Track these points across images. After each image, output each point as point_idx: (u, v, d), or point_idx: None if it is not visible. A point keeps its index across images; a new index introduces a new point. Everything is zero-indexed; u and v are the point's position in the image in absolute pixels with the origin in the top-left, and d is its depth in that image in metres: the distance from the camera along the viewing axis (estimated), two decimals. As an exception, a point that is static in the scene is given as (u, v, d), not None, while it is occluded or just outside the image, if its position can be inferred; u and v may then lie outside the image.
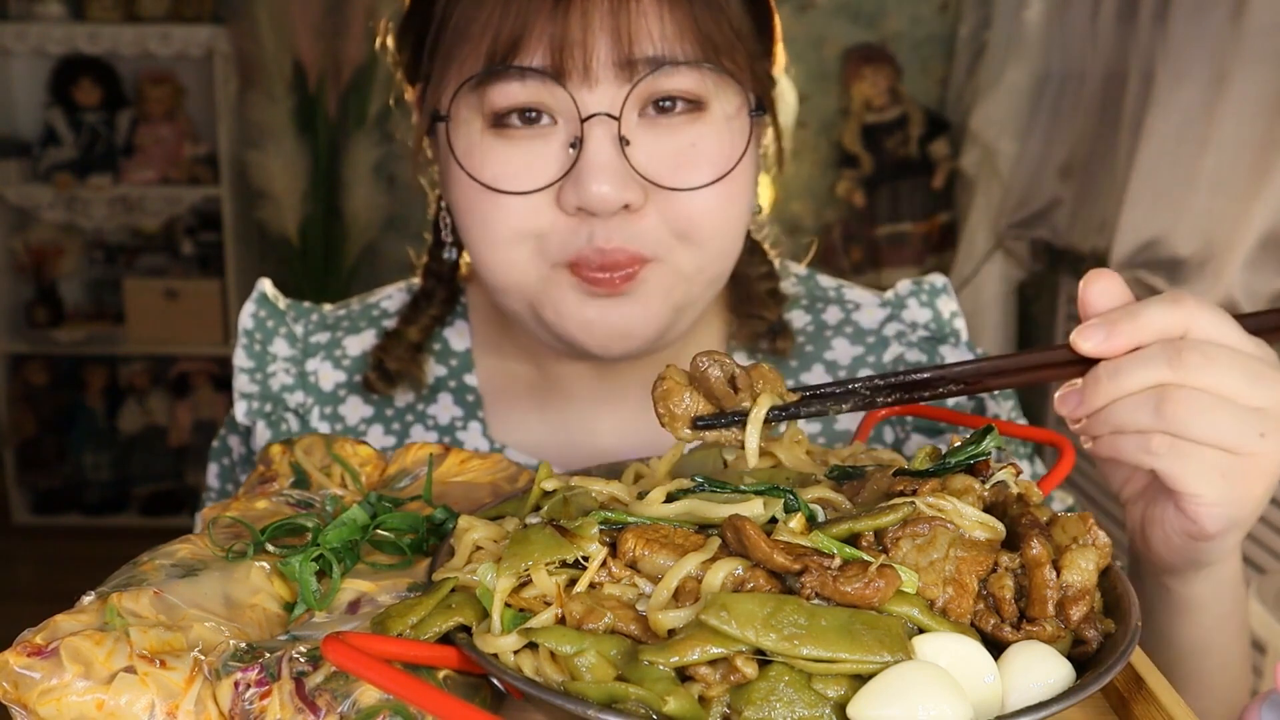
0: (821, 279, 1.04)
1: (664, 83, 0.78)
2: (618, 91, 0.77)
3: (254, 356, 0.97)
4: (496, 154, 0.80)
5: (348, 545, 0.62)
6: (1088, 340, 0.64)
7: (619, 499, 0.60)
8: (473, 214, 0.82)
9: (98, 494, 4.00)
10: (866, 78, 3.42)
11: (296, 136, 3.49)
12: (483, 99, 0.79)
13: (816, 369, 0.98)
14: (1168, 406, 0.63)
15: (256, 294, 0.99)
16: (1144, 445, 0.64)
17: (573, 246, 0.80)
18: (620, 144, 0.78)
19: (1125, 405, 0.64)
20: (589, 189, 0.77)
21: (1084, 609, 0.53)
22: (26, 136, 3.85)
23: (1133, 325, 0.63)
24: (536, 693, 0.48)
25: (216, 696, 0.51)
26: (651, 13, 0.77)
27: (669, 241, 0.81)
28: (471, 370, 0.99)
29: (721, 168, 0.80)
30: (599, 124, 0.77)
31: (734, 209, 0.83)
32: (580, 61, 0.76)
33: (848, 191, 3.49)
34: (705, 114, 0.80)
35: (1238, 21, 2.22)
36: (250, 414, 0.96)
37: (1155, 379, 0.63)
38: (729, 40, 0.80)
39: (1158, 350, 0.63)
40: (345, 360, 0.99)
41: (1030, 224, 3.15)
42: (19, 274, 3.93)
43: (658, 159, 0.79)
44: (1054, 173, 3.04)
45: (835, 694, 0.47)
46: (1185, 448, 0.64)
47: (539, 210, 0.80)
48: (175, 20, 3.67)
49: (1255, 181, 2.17)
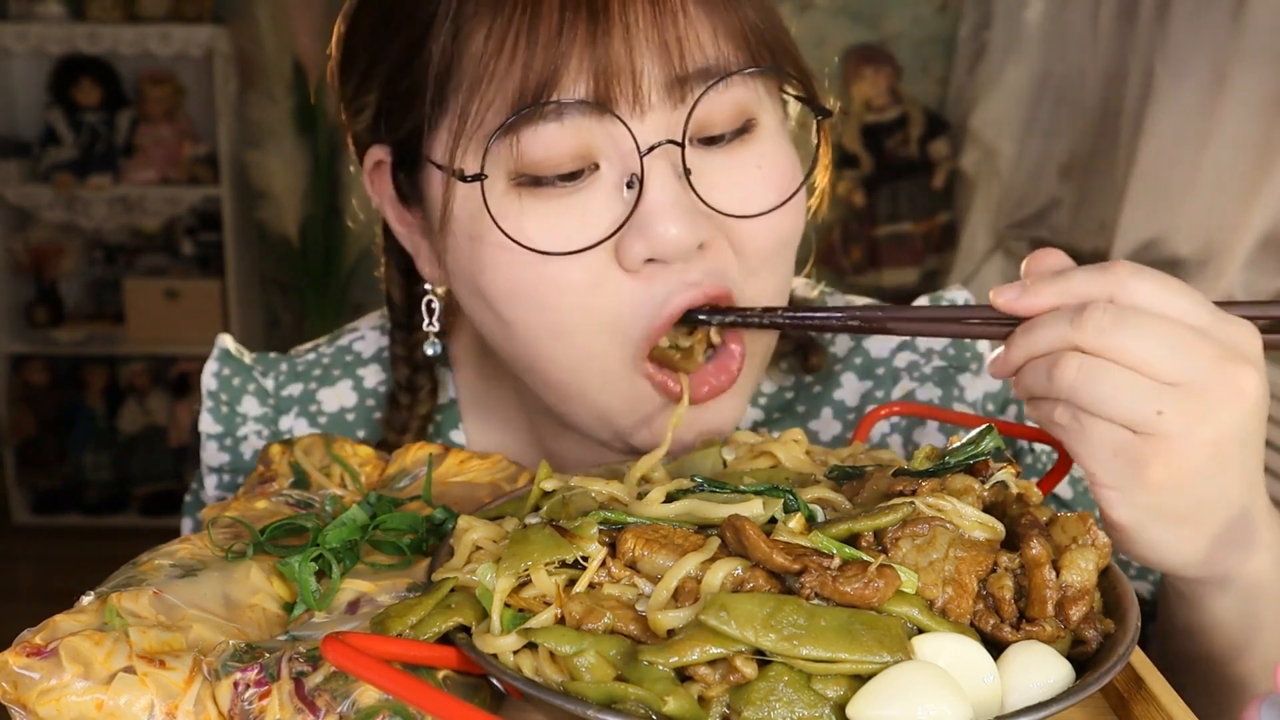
0: (831, 300, 0.93)
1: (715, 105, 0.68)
2: (670, 116, 0.67)
3: (221, 420, 0.87)
4: (534, 213, 0.67)
5: (347, 545, 0.62)
6: (1001, 295, 0.60)
7: (618, 499, 0.60)
8: (520, 295, 0.69)
9: (98, 494, 4.00)
10: (866, 78, 3.42)
11: (296, 136, 3.49)
12: (512, 149, 0.66)
13: (826, 413, 0.88)
14: (1057, 370, 0.57)
15: (218, 351, 0.89)
16: (1047, 414, 0.59)
17: (649, 311, 0.69)
18: (685, 175, 0.67)
19: (1031, 368, 0.59)
20: (656, 231, 0.66)
21: (1083, 609, 0.53)
22: (26, 136, 3.85)
23: (1053, 287, 0.59)
24: (536, 693, 0.48)
25: (216, 697, 0.51)
26: (701, 21, 0.67)
27: (740, 278, 0.71)
28: (457, 425, 0.89)
29: (786, 188, 0.71)
30: (658, 156, 0.66)
31: (798, 227, 0.74)
32: (629, 88, 0.65)
33: (848, 191, 3.49)
34: (758, 129, 0.71)
35: (1238, 21, 2.22)
36: (221, 488, 0.88)
37: (1058, 339, 0.58)
38: (781, 41, 0.71)
39: (1070, 311, 0.58)
40: (321, 417, 0.89)
41: (1030, 224, 3.15)
42: (19, 274, 3.93)
43: (722, 186, 0.69)
44: (1054, 173, 3.04)
45: (835, 694, 0.47)
46: (1085, 420, 0.58)
47: (601, 277, 0.68)
48: (175, 20, 3.66)
49: (1255, 181, 2.17)
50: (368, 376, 0.91)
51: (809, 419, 0.88)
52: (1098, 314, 0.56)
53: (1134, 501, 0.59)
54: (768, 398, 0.89)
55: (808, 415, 0.89)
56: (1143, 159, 2.51)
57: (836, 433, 0.88)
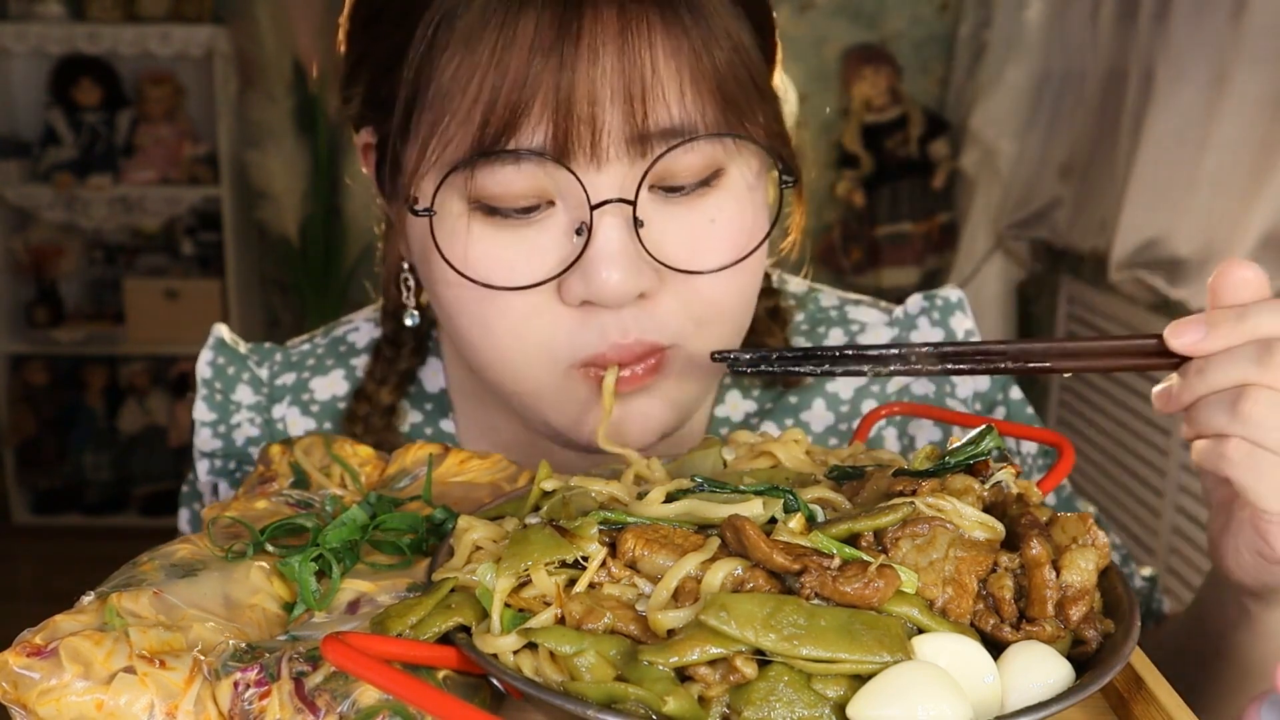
0: (823, 297, 0.94)
1: (680, 159, 0.67)
2: (629, 169, 0.67)
3: (215, 408, 0.88)
4: (486, 244, 0.69)
5: (347, 545, 0.62)
6: (1180, 337, 0.60)
7: (618, 499, 0.60)
8: (465, 314, 0.72)
9: (98, 494, 4.00)
10: (866, 78, 3.42)
11: (296, 136, 3.50)
12: (470, 182, 0.67)
13: (818, 405, 0.89)
14: (1244, 404, 0.58)
15: (213, 340, 0.90)
16: (1220, 450, 0.60)
17: (583, 345, 0.70)
18: (634, 227, 0.68)
19: (1207, 404, 0.60)
20: (598, 277, 0.67)
21: (1083, 609, 0.53)
22: (26, 136, 3.85)
23: (1233, 326, 0.59)
24: (536, 693, 0.48)
25: (216, 696, 0.51)
26: (669, 79, 0.65)
27: (687, 329, 0.72)
28: (448, 415, 0.90)
29: (744, 244, 0.71)
30: (610, 210, 0.67)
31: (754, 280, 0.74)
32: (588, 141, 0.65)
33: (848, 191, 3.49)
34: (723, 179, 0.70)
35: (1238, 21, 2.22)
36: (214, 473, 0.89)
37: (1240, 377, 0.58)
38: (750, 98, 0.69)
39: (1250, 348, 0.58)
40: (314, 406, 0.90)
41: (1030, 224, 3.16)
42: (19, 274, 3.93)
43: (673, 239, 0.69)
44: (1054, 173, 3.04)
45: (835, 694, 0.47)
46: (1262, 457, 0.59)
47: (541, 308, 0.70)
48: (175, 20, 3.66)
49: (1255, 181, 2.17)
50: (359, 366, 0.92)
51: (801, 409, 0.89)
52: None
53: None
54: (760, 389, 0.90)
55: (800, 406, 0.89)
56: (1143, 159, 2.51)
57: (829, 424, 0.89)
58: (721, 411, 0.90)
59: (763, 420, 0.89)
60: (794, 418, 0.89)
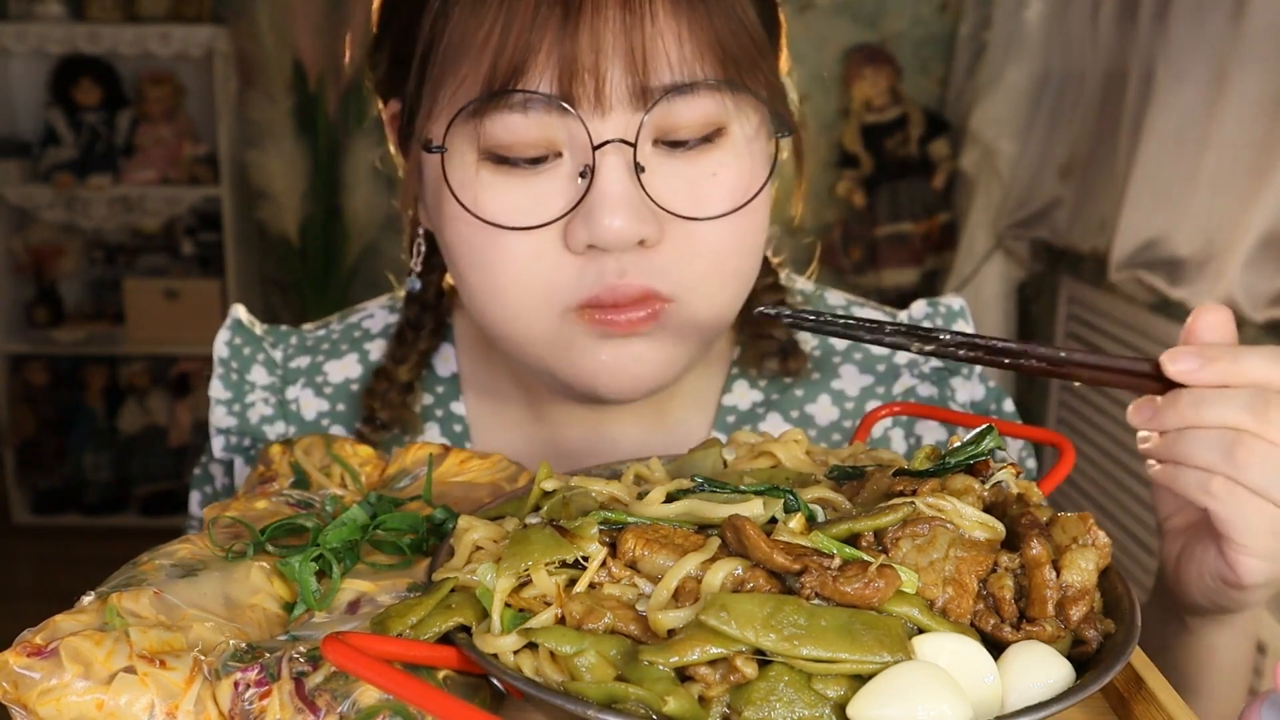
0: (830, 296, 0.96)
1: (681, 113, 0.71)
2: (631, 118, 0.70)
3: (231, 387, 0.91)
4: (495, 189, 0.72)
5: (348, 545, 0.62)
6: (1178, 364, 0.64)
7: (619, 499, 0.60)
8: (470, 256, 0.74)
9: (98, 494, 4.00)
10: (866, 78, 3.42)
11: (296, 136, 3.49)
12: (480, 129, 0.70)
13: (823, 399, 0.92)
14: (1240, 452, 0.62)
15: (230, 320, 0.93)
16: (1203, 484, 0.64)
17: (583, 288, 0.73)
18: (635, 171, 0.70)
19: (1197, 438, 0.64)
20: (600, 223, 0.70)
21: (1084, 609, 0.53)
22: (26, 136, 3.85)
23: (1229, 365, 0.63)
24: (536, 693, 0.48)
25: (216, 696, 0.51)
26: (669, 32, 0.69)
27: (687, 281, 0.74)
28: (459, 398, 0.93)
29: (743, 195, 0.74)
30: (612, 152, 0.70)
31: (755, 239, 0.77)
32: (591, 88, 0.68)
33: (848, 191, 3.49)
34: (724, 138, 0.73)
35: (1238, 21, 2.22)
36: (228, 449, 0.91)
37: (1235, 421, 0.62)
38: (750, 56, 0.72)
39: (1247, 395, 0.62)
40: (327, 388, 0.93)
41: (1030, 224, 3.15)
42: (19, 274, 3.93)
43: (675, 189, 0.72)
44: (1054, 173, 3.04)
45: (835, 694, 0.47)
46: (1243, 495, 0.63)
47: (544, 252, 0.72)
48: (175, 20, 3.66)
49: (1255, 181, 2.17)
50: (373, 350, 0.95)
51: (806, 403, 0.92)
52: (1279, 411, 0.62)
53: (1270, 571, 0.66)
54: (768, 380, 0.92)
55: (805, 399, 0.92)
56: (1143, 159, 2.51)
57: (834, 419, 0.91)
58: (729, 400, 0.92)
59: (769, 411, 0.91)
60: (799, 410, 0.91)
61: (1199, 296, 2.36)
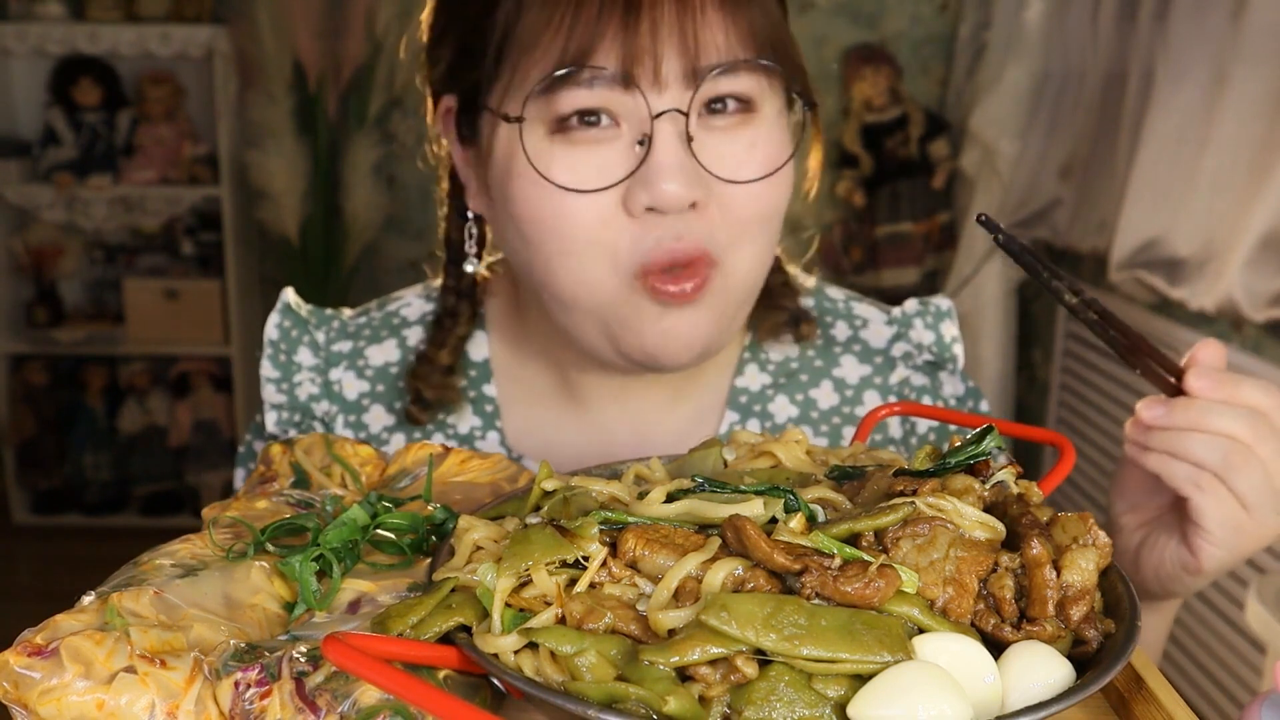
0: (830, 291, 1.05)
1: (724, 88, 0.81)
2: (683, 95, 0.80)
3: (279, 367, 0.98)
4: (563, 158, 0.81)
5: (348, 545, 0.62)
6: (1200, 380, 0.76)
7: (619, 499, 0.60)
8: (541, 221, 0.82)
9: (98, 494, 4.00)
10: (866, 78, 3.42)
11: (296, 136, 3.49)
12: (549, 104, 0.79)
13: (825, 385, 0.99)
14: (1234, 458, 0.75)
15: (281, 304, 1.01)
16: (1194, 478, 0.76)
17: (642, 250, 0.81)
18: (687, 141, 0.79)
19: (1199, 439, 0.75)
20: (659, 187, 0.78)
21: (1084, 609, 0.53)
22: (26, 136, 3.85)
23: (1233, 388, 0.76)
24: (536, 693, 0.48)
25: (217, 696, 0.51)
26: (716, 23, 0.79)
27: (727, 241, 0.83)
28: (490, 380, 0.99)
29: (775, 164, 0.84)
30: (667, 121, 0.79)
31: (781, 204, 0.86)
32: (650, 69, 0.78)
33: (848, 191, 3.49)
34: (757, 114, 0.83)
35: (1238, 21, 2.22)
36: (281, 424, 0.97)
37: (1235, 431, 0.74)
38: (780, 41, 0.83)
39: (1248, 414, 0.75)
40: (368, 370, 1.00)
41: (1030, 224, 3.15)
42: (19, 274, 3.93)
43: (720, 157, 0.81)
44: (1054, 173, 3.05)
45: (835, 694, 0.47)
46: (1223, 493, 0.75)
47: (607, 215, 0.81)
48: (175, 20, 3.66)
49: (1255, 181, 2.17)
50: (411, 336, 1.01)
51: (810, 388, 1.00)
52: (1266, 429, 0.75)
53: (1223, 561, 0.78)
54: (775, 365, 1.01)
55: (809, 384, 1.00)
56: (1143, 159, 2.51)
57: (834, 404, 1.00)
58: (741, 383, 1.00)
59: (777, 393, 0.99)
60: (804, 394, 0.99)
61: (1199, 296, 2.35)
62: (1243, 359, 2.27)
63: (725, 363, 1.00)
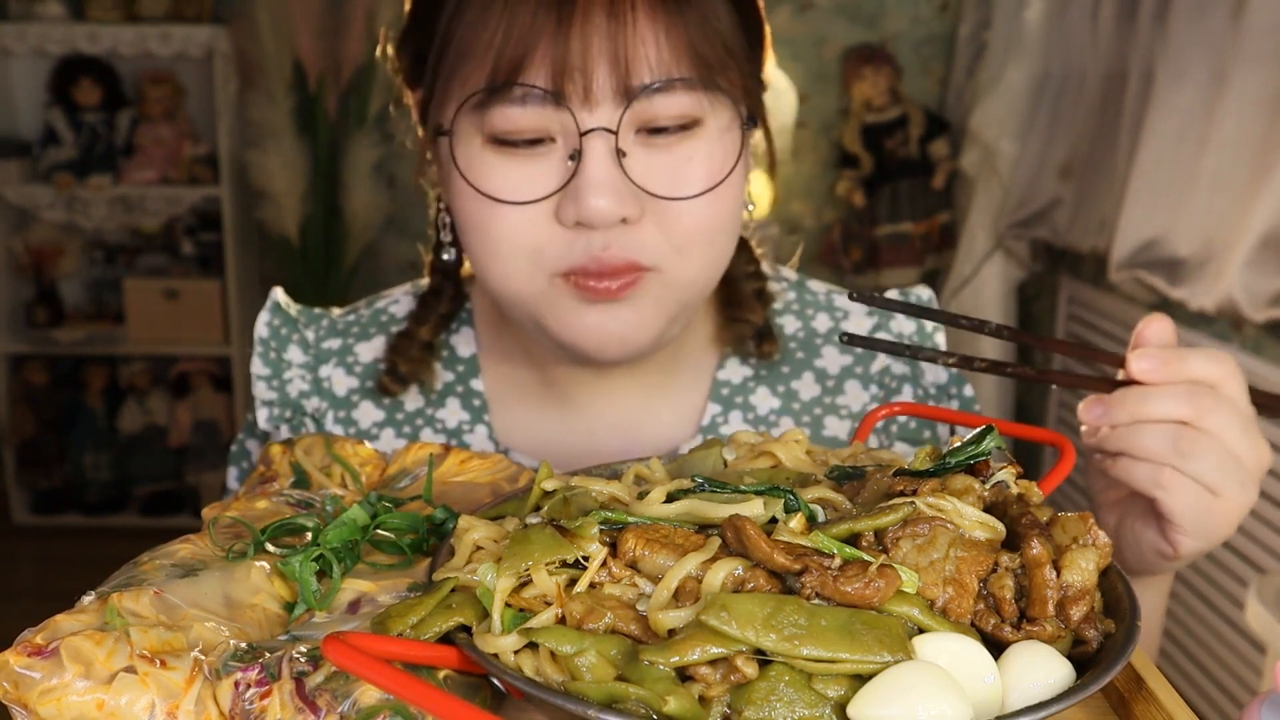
0: (811, 284, 1.06)
1: (660, 106, 0.79)
2: (615, 112, 0.79)
3: (270, 364, 0.99)
4: (496, 168, 0.81)
5: (348, 545, 0.62)
6: (1143, 362, 0.73)
7: (619, 499, 0.60)
8: (474, 226, 0.84)
9: (98, 494, 4.00)
10: (866, 78, 3.42)
11: (296, 136, 3.49)
12: (483, 119, 0.80)
13: (807, 376, 1.00)
14: (1184, 443, 0.72)
15: (270, 303, 1.01)
16: (1154, 478, 0.73)
17: (570, 257, 0.81)
18: (617, 156, 0.79)
19: (1145, 431, 0.73)
20: (587, 203, 0.78)
21: (1084, 609, 0.53)
22: (26, 136, 3.85)
23: (1179, 364, 0.73)
24: (536, 693, 0.49)
25: (217, 696, 0.51)
26: (649, 38, 0.78)
27: (667, 253, 0.82)
28: (477, 375, 1.00)
29: (716, 178, 0.82)
30: (597, 138, 0.79)
31: (727, 218, 0.85)
32: (580, 85, 0.77)
33: (848, 191, 3.50)
34: (699, 129, 0.82)
35: (1238, 21, 2.22)
36: (272, 420, 0.98)
37: (1177, 414, 0.72)
38: (722, 59, 0.81)
39: (1185, 390, 0.72)
40: (357, 366, 1.01)
41: (1030, 224, 3.15)
42: (19, 274, 3.93)
43: (654, 172, 0.81)
44: (1054, 173, 3.04)
45: (835, 694, 0.47)
46: (1186, 484, 0.73)
47: (537, 223, 0.81)
48: (175, 20, 3.66)
49: (1255, 181, 2.17)
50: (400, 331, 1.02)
51: (792, 379, 1.01)
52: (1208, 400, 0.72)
53: (1198, 546, 0.76)
54: (757, 358, 1.01)
55: (791, 376, 1.01)
56: (1143, 159, 2.51)
57: (815, 395, 1.01)
58: (723, 375, 1.01)
59: (759, 385, 1.00)
60: (785, 385, 1.00)
61: (1199, 296, 2.35)
62: (1243, 359, 2.27)
63: (708, 355, 1.01)
